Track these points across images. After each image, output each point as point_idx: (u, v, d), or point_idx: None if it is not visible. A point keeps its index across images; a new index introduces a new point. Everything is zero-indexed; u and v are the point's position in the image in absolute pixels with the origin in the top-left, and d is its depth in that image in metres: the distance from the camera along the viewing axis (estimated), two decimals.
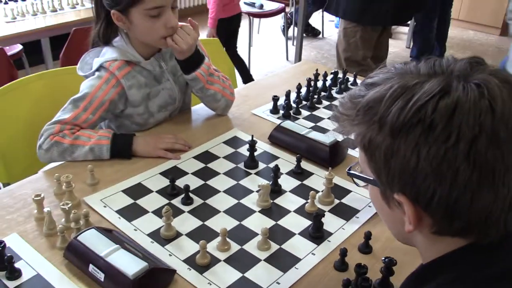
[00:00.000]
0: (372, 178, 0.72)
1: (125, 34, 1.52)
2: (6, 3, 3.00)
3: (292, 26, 5.30)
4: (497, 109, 0.61)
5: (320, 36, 5.60)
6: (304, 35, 5.41)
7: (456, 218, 0.65)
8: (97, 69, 1.50)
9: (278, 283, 1.03)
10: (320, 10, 5.23)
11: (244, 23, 5.33)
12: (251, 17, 4.55)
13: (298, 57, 4.00)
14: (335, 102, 1.78)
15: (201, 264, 1.07)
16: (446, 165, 0.61)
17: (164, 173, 1.37)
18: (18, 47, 3.13)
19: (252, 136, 1.43)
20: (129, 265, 0.97)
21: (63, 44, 2.89)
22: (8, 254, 1.00)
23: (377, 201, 0.75)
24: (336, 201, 1.28)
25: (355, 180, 0.83)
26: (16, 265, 1.03)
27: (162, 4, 1.40)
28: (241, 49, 4.83)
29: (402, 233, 0.73)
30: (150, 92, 1.55)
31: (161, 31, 1.44)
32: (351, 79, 1.99)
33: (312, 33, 5.56)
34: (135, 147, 1.43)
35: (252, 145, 1.41)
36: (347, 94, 0.74)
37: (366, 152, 0.70)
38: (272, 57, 4.98)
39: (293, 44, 5.02)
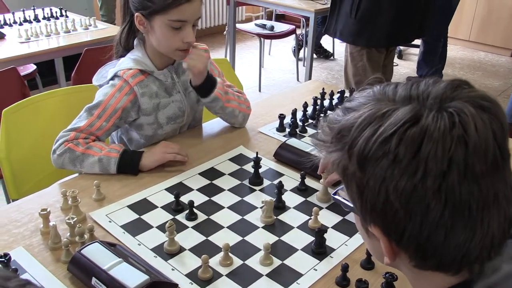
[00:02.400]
0: (352, 205, 0.70)
1: (141, 43, 1.56)
2: (21, 24, 3.07)
3: (303, 48, 5.34)
4: (470, 140, 0.57)
5: (332, 57, 5.63)
6: (315, 56, 5.46)
7: (429, 255, 0.62)
8: (111, 78, 1.55)
9: None
10: None
11: (255, 44, 5.41)
12: (262, 39, 4.60)
13: (309, 78, 4.03)
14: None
15: (203, 278, 1.07)
16: (415, 200, 0.58)
17: (169, 189, 1.39)
18: (32, 67, 3.20)
19: (257, 153, 1.44)
20: (131, 278, 0.98)
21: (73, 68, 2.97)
22: (13, 267, 1.02)
23: (359, 227, 0.72)
24: (339, 218, 1.28)
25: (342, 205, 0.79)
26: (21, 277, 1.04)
27: (186, 19, 1.45)
28: (252, 70, 4.89)
29: (387, 262, 0.69)
30: (160, 103, 1.58)
31: (178, 43, 1.48)
32: None
33: (324, 54, 5.59)
34: (143, 161, 1.44)
35: (257, 162, 1.42)
36: (327, 120, 0.71)
37: (343, 179, 0.68)
38: (283, 78, 5.01)
39: (303, 65, 5.05)
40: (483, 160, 0.58)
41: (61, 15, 3.24)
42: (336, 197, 0.78)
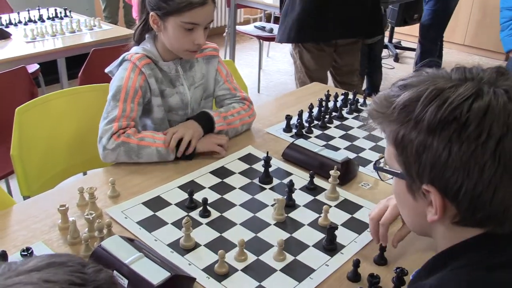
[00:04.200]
0: (399, 172, 0.78)
1: (152, 37, 1.62)
2: (26, 24, 3.10)
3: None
4: None
5: None
6: None
7: (479, 209, 0.71)
8: (120, 63, 1.60)
9: None
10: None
11: (254, 46, 5.45)
12: (261, 41, 4.64)
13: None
14: (353, 119, 1.82)
15: (219, 273, 1.11)
16: (474, 160, 0.68)
17: (182, 187, 1.42)
18: (36, 66, 3.23)
19: (267, 152, 1.48)
20: (153, 273, 1.02)
21: (78, 64, 2.98)
22: None
23: (402, 194, 0.81)
24: (348, 216, 1.33)
25: (380, 174, 0.90)
26: None
27: (198, 22, 1.50)
28: (251, 71, 4.93)
29: (422, 225, 0.81)
30: (165, 91, 1.63)
31: (188, 44, 1.54)
32: (361, 100, 2.05)
33: None
34: (198, 145, 1.55)
35: (267, 161, 1.46)
36: (382, 93, 0.80)
37: (397, 147, 0.77)
38: (281, 79, 5.06)
39: None
40: None
41: (66, 16, 3.27)
42: (378, 165, 0.90)
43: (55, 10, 3.30)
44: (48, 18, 3.22)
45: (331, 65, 2.87)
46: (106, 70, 1.64)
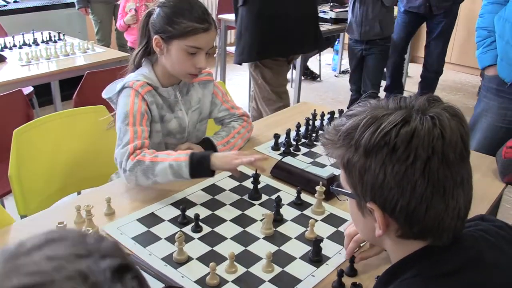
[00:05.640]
0: (350, 192, 0.88)
1: (150, 62, 1.68)
2: (20, 47, 3.17)
3: (291, 70, 5.51)
4: (447, 136, 0.77)
5: (318, 79, 5.80)
6: (303, 78, 5.62)
7: (415, 223, 0.80)
8: (120, 90, 1.63)
9: None
10: (318, 54, 5.45)
11: (244, 66, 5.54)
12: None
13: (297, 99, 4.18)
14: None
15: (211, 284, 1.17)
16: (406, 180, 0.77)
17: (174, 204, 1.49)
18: (30, 88, 3.30)
19: (256, 170, 1.55)
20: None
21: (72, 86, 3.06)
22: None
23: (354, 212, 0.90)
24: (333, 229, 1.40)
25: (337, 196, 1.01)
26: None
27: (201, 47, 1.58)
28: (242, 91, 5.02)
29: (374, 238, 0.89)
30: (165, 116, 1.69)
31: (190, 68, 1.61)
32: None
33: (311, 76, 5.76)
34: (213, 160, 1.47)
35: (256, 178, 1.53)
36: (332, 124, 0.90)
37: (345, 170, 0.86)
38: None
39: (291, 87, 5.20)
40: (454, 151, 0.78)
41: (59, 39, 3.35)
42: (334, 187, 0.98)
43: (49, 33, 3.37)
44: (42, 41, 3.30)
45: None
46: (105, 96, 1.68)
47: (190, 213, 1.42)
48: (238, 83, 5.44)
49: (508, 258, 0.87)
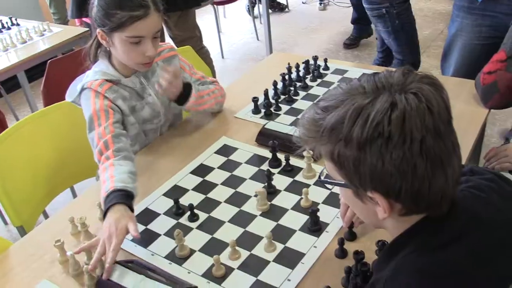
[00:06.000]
0: (343, 182, 0.86)
1: (106, 54, 1.61)
2: None
3: (257, 4, 5.34)
4: (434, 110, 0.76)
5: (287, 9, 5.64)
6: (271, 11, 5.46)
7: (421, 201, 0.80)
8: (80, 92, 1.59)
9: (289, 280, 1.16)
10: None
11: (208, 8, 5.36)
12: (215, 6, 4.58)
13: (268, 36, 4.05)
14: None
15: (217, 276, 1.19)
16: (406, 163, 0.76)
17: (166, 194, 1.48)
18: None
19: (273, 141, 1.54)
20: None
21: (36, 68, 2.96)
22: None
23: (350, 199, 0.89)
24: (327, 192, 1.40)
25: (326, 185, 0.98)
26: None
27: (143, 35, 1.49)
28: (211, 37, 4.89)
29: (374, 221, 0.90)
30: (136, 106, 1.64)
31: (139, 58, 1.54)
32: (322, 64, 2.09)
33: (278, 7, 5.60)
34: (109, 213, 1.28)
35: (274, 147, 1.53)
36: (307, 118, 0.85)
37: (335, 163, 0.83)
38: (243, 40, 5.03)
39: (261, 23, 5.06)
40: (442, 122, 0.77)
41: (13, 24, 3.19)
42: (323, 179, 0.94)
43: (0, 21, 3.20)
44: None
45: None
46: (69, 100, 1.64)
47: (184, 201, 1.42)
48: (205, 29, 5.27)
49: (503, 213, 0.88)
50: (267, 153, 1.59)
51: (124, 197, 1.30)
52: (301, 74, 2.02)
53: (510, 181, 0.96)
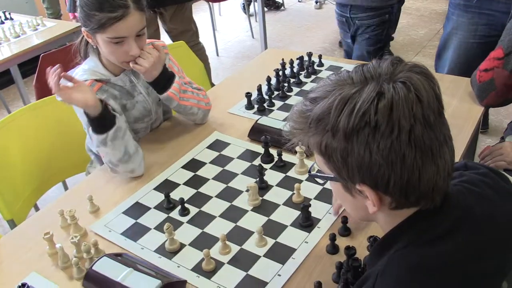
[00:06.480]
0: (332, 176, 0.84)
1: (96, 51, 1.59)
2: None
3: (252, 2, 5.33)
4: (424, 100, 0.74)
5: (282, 8, 5.64)
6: (266, 9, 5.46)
7: (411, 193, 0.78)
8: None
9: (279, 275, 1.15)
10: None
11: (203, 6, 5.36)
12: (210, 3, 4.57)
13: (264, 34, 4.05)
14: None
15: (207, 270, 1.18)
16: (394, 153, 0.74)
17: (157, 188, 1.47)
18: None
19: (265, 135, 1.53)
20: (145, 285, 1.08)
21: (30, 64, 2.93)
22: None
23: (340, 193, 0.87)
24: (319, 188, 1.39)
25: (317, 179, 0.97)
26: None
27: (124, 35, 1.45)
28: (206, 34, 4.88)
29: (365, 215, 0.88)
30: (126, 104, 1.63)
31: (123, 57, 1.50)
32: (316, 60, 2.08)
33: (274, 6, 5.59)
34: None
35: (266, 142, 1.52)
36: (295, 111, 0.84)
37: (323, 155, 0.82)
38: (239, 38, 5.02)
39: (256, 21, 5.06)
40: (433, 112, 0.75)
41: (6, 19, 3.17)
42: (312, 173, 0.93)
43: None
44: None
45: None
46: (59, 99, 1.60)
47: (174, 195, 1.41)
48: (200, 26, 5.27)
49: (497, 207, 0.87)
50: (259, 149, 1.59)
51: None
52: (295, 70, 2.01)
53: (504, 176, 0.95)
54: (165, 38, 3.20)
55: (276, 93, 1.90)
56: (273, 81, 1.94)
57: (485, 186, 0.91)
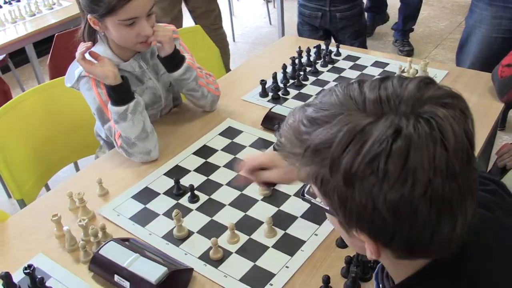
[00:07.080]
0: (328, 208, 0.69)
1: (104, 37, 1.56)
2: None
3: None
4: (450, 145, 0.60)
5: None
6: None
7: (418, 251, 0.65)
8: (78, 80, 1.54)
9: (287, 267, 1.13)
10: None
11: None
12: None
13: (281, 21, 4.00)
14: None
15: (215, 258, 1.16)
16: (403, 208, 0.60)
17: (167, 174, 1.45)
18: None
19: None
20: (151, 271, 1.06)
21: (46, 44, 2.92)
22: (39, 276, 1.09)
23: (336, 225, 0.73)
24: None
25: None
26: (48, 283, 1.12)
27: (136, 15, 1.43)
28: (223, 19, 4.83)
29: (365, 252, 0.71)
30: (136, 91, 1.59)
31: (136, 38, 1.48)
32: (334, 49, 2.04)
33: None
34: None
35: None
36: (290, 126, 0.69)
37: (319, 189, 0.67)
38: (256, 24, 4.97)
39: (274, 7, 5.00)
40: (460, 160, 0.60)
41: None
42: (307, 196, 0.79)
43: None
44: (5, 2, 3.11)
45: None
46: (68, 85, 1.57)
47: (184, 181, 1.40)
48: None
49: (509, 231, 0.78)
50: (272, 137, 1.56)
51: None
52: (311, 58, 1.98)
53: (508, 190, 0.88)
54: (187, 22, 3.12)
55: (291, 81, 1.87)
56: (289, 69, 1.90)
57: (496, 208, 0.81)
